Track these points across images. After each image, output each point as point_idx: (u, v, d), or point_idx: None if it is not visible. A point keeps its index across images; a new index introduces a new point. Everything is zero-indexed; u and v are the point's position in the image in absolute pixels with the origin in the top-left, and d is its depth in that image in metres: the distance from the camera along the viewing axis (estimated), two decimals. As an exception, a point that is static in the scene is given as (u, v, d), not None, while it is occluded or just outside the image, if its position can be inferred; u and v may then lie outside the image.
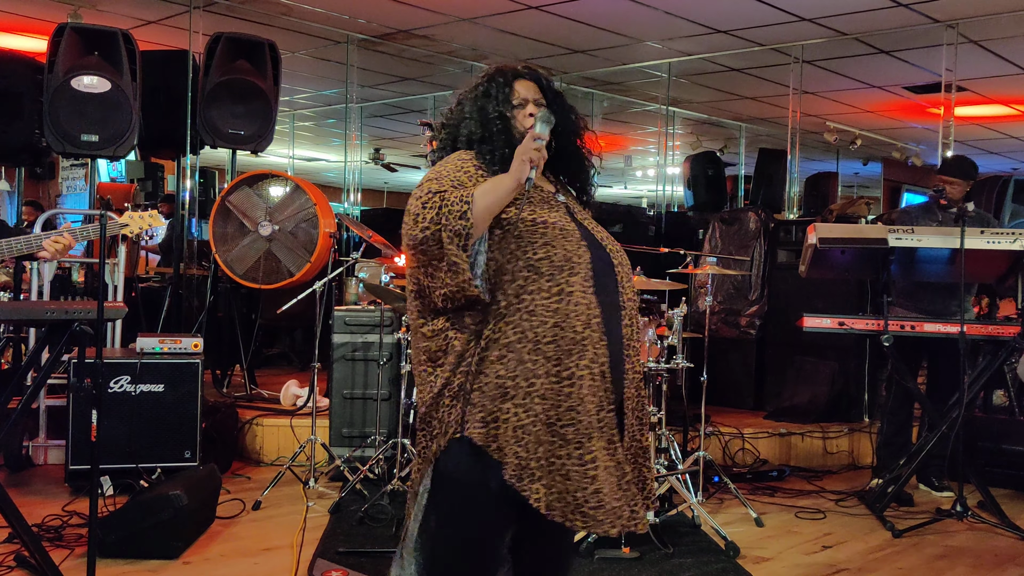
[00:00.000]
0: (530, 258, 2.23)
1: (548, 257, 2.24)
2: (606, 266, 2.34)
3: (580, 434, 2.20)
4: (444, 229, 2.18)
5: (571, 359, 2.21)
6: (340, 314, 5.36)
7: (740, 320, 7.03)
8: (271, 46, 6.35)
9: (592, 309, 2.25)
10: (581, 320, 2.23)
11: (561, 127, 2.40)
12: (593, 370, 2.23)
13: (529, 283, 2.22)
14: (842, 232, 4.84)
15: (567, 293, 2.23)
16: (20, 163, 6.22)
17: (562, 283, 2.23)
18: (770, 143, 10.97)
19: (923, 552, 4.28)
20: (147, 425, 4.75)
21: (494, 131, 2.38)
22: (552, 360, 2.20)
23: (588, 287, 2.26)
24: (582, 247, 2.29)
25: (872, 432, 5.93)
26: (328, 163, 15.65)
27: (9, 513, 3.41)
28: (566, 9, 7.04)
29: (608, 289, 2.32)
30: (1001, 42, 7.47)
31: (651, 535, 4.08)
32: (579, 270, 2.26)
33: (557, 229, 2.27)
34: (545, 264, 2.23)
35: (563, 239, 2.27)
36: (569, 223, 2.32)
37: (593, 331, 2.24)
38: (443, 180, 2.27)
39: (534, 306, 2.21)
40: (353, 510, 4.46)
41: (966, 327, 4.58)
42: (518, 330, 2.21)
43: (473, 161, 2.36)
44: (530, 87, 2.45)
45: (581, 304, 2.24)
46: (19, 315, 3.97)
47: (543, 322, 2.21)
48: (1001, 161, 13.14)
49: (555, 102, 2.45)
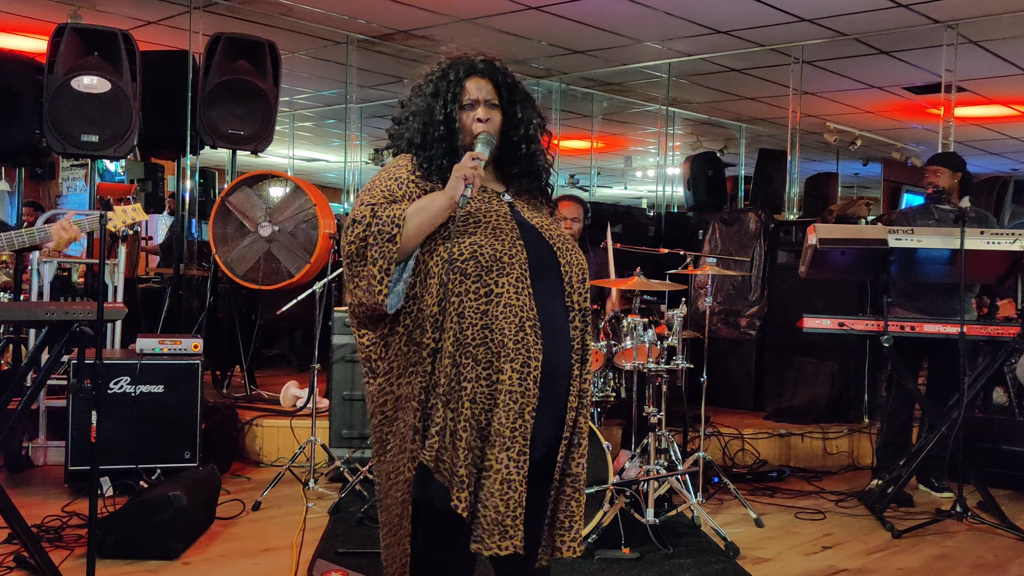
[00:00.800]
0: (455, 259, 2.17)
1: (474, 257, 2.17)
2: (548, 266, 2.26)
3: (493, 443, 2.14)
4: (370, 247, 2.15)
5: (499, 362, 2.15)
6: (340, 315, 5.36)
7: (740, 321, 7.03)
8: (271, 46, 6.35)
9: (527, 311, 2.18)
10: (512, 323, 2.15)
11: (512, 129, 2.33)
12: (523, 374, 2.15)
13: (456, 285, 2.17)
14: (842, 233, 4.84)
15: (496, 295, 2.16)
16: (20, 163, 6.22)
17: (490, 284, 2.16)
18: (770, 143, 10.97)
19: (923, 553, 4.28)
20: (147, 426, 4.75)
21: (436, 136, 2.29)
22: (482, 363, 2.15)
23: (522, 287, 2.18)
24: (517, 246, 2.21)
25: (872, 433, 5.93)
26: (328, 164, 15.64)
27: (9, 514, 3.40)
28: (566, 9, 7.04)
29: (551, 291, 2.25)
30: (1001, 43, 7.47)
31: (651, 535, 4.08)
32: (511, 270, 2.18)
33: (489, 228, 2.20)
34: (471, 265, 2.17)
35: (493, 238, 2.19)
36: (508, 222, 2.25)
37: (527, 334, 2.17)
38: (375, 192, 2.24)
39: (463, 308, 2.16)
40: (353, 511, 4.46)
41: (966, 328, 4.58)
42: (451, 334, 2.16)
43: (408, 167, 2.30)
44: (484, 86, 2.34)
45: (512, 306, 2.16)
46: (19, 316, 3.97)
47: (472, 324, 2.15)
48: (1001, 162, 13.15)
49: (511, 100, 2.36)
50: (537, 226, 2.31)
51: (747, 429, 6.08)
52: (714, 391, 5.96)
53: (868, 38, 7.52)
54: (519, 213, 2.32)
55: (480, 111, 2.31)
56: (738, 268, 6.94)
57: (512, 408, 2.14)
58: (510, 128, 2.35)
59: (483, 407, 2.14)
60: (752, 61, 8.42)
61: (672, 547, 4.06)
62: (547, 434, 2.26)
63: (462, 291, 2.17)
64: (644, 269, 4.81)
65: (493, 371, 2.15)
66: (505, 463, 2.13)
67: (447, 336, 2.16)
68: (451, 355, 2.15)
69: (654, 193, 13.14)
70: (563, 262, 2.29)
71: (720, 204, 9.62)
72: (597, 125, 11.03)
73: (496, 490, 2.13)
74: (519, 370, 2.15)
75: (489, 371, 2.15)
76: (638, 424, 4.57)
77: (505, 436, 2.13)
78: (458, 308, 2.16)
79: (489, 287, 2.16)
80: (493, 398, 2.14)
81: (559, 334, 2.25)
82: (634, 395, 4.53)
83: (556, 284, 2.27)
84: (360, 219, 2.19)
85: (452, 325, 2.16)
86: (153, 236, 9.84)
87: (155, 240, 9.61)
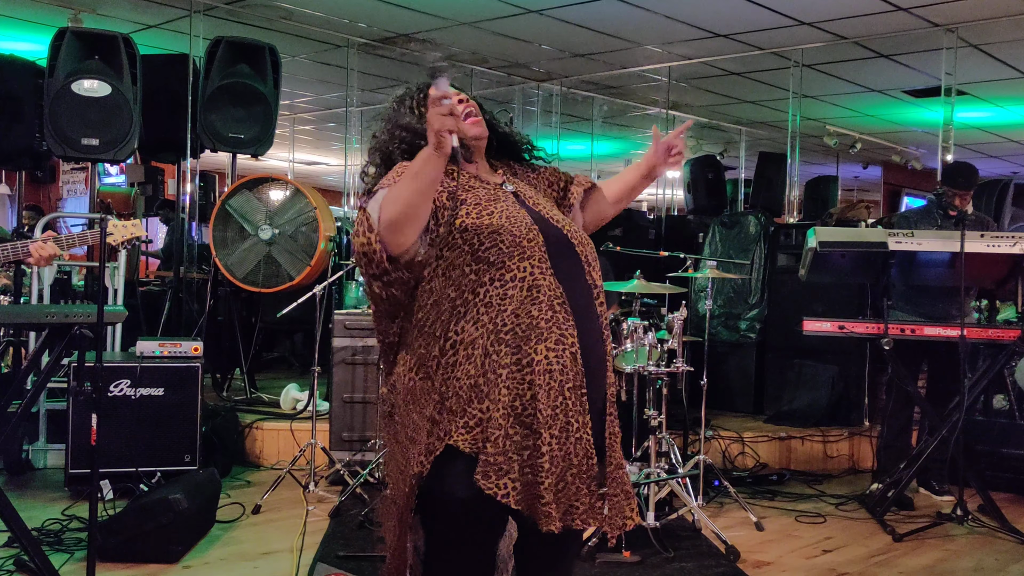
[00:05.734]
0: (477, 250, 2.17)
1: (496, 245, 2.17)
2: (564, 247, 2.27)
3: (540, 423, 2.11)
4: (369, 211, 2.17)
5: (529, 344, 2.13)
6: (340, 318, 5.36)
7: (740, 324, 7.03)
8: (271, 50, 6.35)
9: (553, 290, 2.18)
10: (541, 303, 2.15)
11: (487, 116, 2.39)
12: (559, 352, 2.15)
13: (481, 275, 2.16)
14: (842, 236, 4.84)
15: (519, 279, 2.16)
16: (21, 167, 6.22)
17: (514, 268, 2.16)
18: (770, 147, 10.97)
19: (924, 556, 4.28)
20: (147, 429, 4.76)
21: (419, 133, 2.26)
22: (513, 348, 2.13)
23: (545, 268, 2.19)
24: (533, 230, 2.22)
25: (872, 436, 5.93)
26: (328, 167, 15.65)
27: (9, 517, 3.41)
28: (566, 13, 7.05)
29: (572, 270, 2.25)
30: (1001, 46, 7.48)
31: (651, 539, 4.08)
32: (532, 252, 2.19)
33: (504, 217, 2.21)
34: (493, 252, 2.16)
35: (510, 225, 2.20)
36: (518, 210, 2.26)
37: (557, 312, 2.17)
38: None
39: (489, 298, 2.15)
40: (353, 514, 4.46)
41: (966, 331, 4.58)
42: (479, 324, 2.14)
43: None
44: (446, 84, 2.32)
45: (541, 285, 2.17)
46: (19, 318, 3.98)
47: (501, 311, 2.14)
48: (1001, 165, 13.15)
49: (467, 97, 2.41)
50: (542, 212, 2.32)
51: (747, 432, 6.07)
52: (714, 394, 5.96)
53: (868, 41, 7.52)
54: (524, 201, 2.34)
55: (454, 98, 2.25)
56: (738, 271, 6.94)
57: (552, 387, 2.13)
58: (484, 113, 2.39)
59: (518, 392, 2.12)
60: (752, 65, 8.42)
61: (673, 551, 4.06)
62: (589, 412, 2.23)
63: (487, 280, 2.16)
64: (644, 272, 4.82)
65: (523, 355, 2.13)
66: (548, 442, 2.11)
67: (478, 327, 2.15)
68: (482, 345, 2.14)
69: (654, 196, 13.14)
70: (575, 242, 2.30)
71: (720, 207, 9.63)
72: (597, 128, 11.03)
73: (546, 468, 2.10)
74: (554, 347, 2.14)
75: (519, 355, 2.13)
76: (638, 427, 4.57)
77: (547, 415, 2.12)
78: (484, 299, 2.15)
79: (513, 272, 2.16)
80: (530, 381, 2.12)
81: (589, 312, 2.25)
82: (634, 398, 4.53)
83: (575, 263, 2.27)
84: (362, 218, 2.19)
85: (480, 316, 2.15)
86: (153, 239, 9.84)
87: (155, 243, 9.61)
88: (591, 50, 8.20)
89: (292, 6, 7.15)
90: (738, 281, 7.02)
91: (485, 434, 2.11)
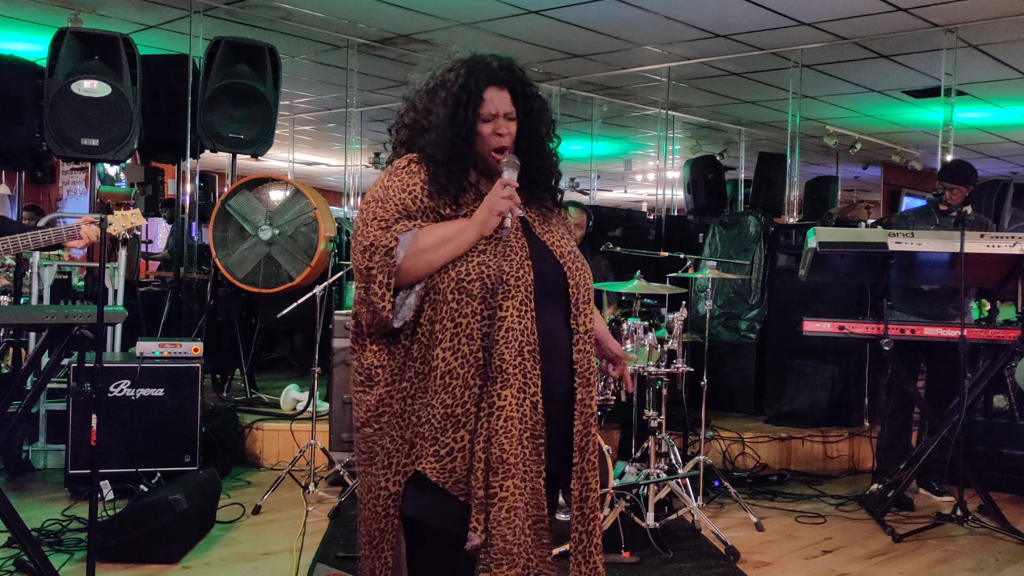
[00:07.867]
0: (462, 280, 2.14)
1: (479, 278, 2.14)
2: (554, 287, 2.23)
3: (503, 467, 2.11)
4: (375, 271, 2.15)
5: (494, 388, 2.12)
6: (340, 318, 5.36)
7: (740, 324, 7.03)
8: (271, 50, 6.35)
9: (527, 336, 2.15)
10: (511, 348, 2.13)
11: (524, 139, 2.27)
12: (520, 401, 2.13)
13: (463, 306, 2.14)
14: (842, 236, 4.83)
15: (499, 318, 2.13)
16: (21, 167, 6.22)
17: (495, 306, 2.13)
18: (770, 147, 10.97)
19: (924, 557, 4.28)
20: (147, 429, 4.75)
21: (457, 153, 2.22)
22: (482, 386, 2.13)
23: (525, 311, 2.15)
24: (525, 267, 2.17)
25: (872, 436, 5.92)
26: (328, 167, 15.65)
27: (8, 517, 3.40)
28: (566, 13, 7.05)
29: (554, 312, 2.22)
30: (1000, 46, 7.48)
31: (651, 539, 4.08)
32: (516, 292, 2.15)
33: (499, 246, 2.16)
34: (476, 286, 2.14)
35: (501, 258, 2.15)
36: (519, 239, 2.20)
37: (525, 359, 2.14)
38: (388, 206, 2.19)
39: (471, 330, 2.14)
40: (353, 515, 4.45)
41: (966, 331, 4.58)
42: (459, 354, 2.13)
43: (421, 176, 2.23)
44: (503, 97, 2.25)
45: (514, 330, 2.13)
46: (19, 319, 3.97)
47: (482, 346, 2.13)
48: (1001, 165, 13.15)
49: (527, 110, 2.29)
50: (548, 243, 2.27)
51: (747, 433, 6.07)
52: (714, 395, 5.96)
53: (868, 42, 7.53)
54: (531, 229, 2.28)
55: (500, 124, 2.24)
56: (738, 272, 6.93)
57: (512, 434, 2.12)
58: (524, 138, 2.28)
59: (487, 433, 2.12)
60: (752, 65, 8.42)
61: (672, 551, 4.06)
62: (552, 459, 2.23)
63: (468, 312, 2.14)
64: (644, 272, 4.82)
65: (489, 396, 2.12)
66: (511, 491, 2.11)
67: (458, 357, 2.14)
68: (461, 376, 2.13)
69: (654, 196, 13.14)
70: (571, 283, 2.25)
71: (720, 207, 9.63)
72: (597, 129, 11.03)
73: (503, 518, 2.11)
74: (516, 395, 2.13)
75: (485, 396, 2.12)
76: (638, 428, 4.57)
77: (509, 464, 2.11)
78: (466, 330, 2.14)
79: (493, 310, 2.13)
80: (496, 424, 2.12)
81: (559, 356, 2.22)
82: (634, 399, 4.53)
83: (561, 305, 2.24)
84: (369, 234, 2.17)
85: (461, 347, 2.14)
86: (153, 240, 9.85)
87: (155, 244, 9.61)
88: (591, 50, 8.20)
89: (292, 6, 7.15)
90: (738, 281, 7.02)
91: (453, 464, 2.13)
